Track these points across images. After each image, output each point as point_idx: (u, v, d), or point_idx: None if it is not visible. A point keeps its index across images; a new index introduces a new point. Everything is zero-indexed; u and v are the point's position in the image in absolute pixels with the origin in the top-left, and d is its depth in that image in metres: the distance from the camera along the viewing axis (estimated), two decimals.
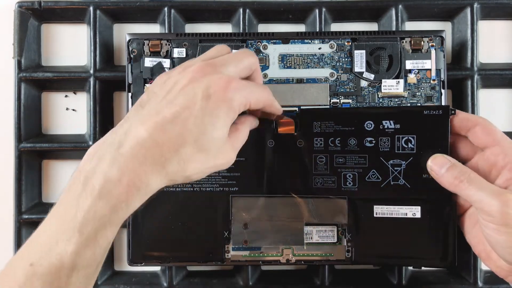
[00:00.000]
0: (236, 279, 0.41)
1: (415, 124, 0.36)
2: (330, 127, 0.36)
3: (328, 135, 0.36)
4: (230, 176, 0.37)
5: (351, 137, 0.36)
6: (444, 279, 0.41)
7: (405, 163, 0.36)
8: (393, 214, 0.36)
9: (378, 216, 0.36)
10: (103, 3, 0.41)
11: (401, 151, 0.36)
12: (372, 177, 0.36)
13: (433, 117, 0.35)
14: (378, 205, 0.36)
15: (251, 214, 0.37)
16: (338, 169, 0.36)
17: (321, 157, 0.36)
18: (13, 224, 0.40)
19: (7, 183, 0.41)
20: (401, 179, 0.36)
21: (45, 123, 0.43)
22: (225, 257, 0.38)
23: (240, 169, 0.37)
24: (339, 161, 0.36)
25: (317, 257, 0.38)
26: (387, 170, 0.36)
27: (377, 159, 0.36)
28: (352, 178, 0.36)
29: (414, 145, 0.36)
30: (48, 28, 0.43)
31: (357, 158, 0.36)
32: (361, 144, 0.36)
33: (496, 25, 0.43)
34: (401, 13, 0.41)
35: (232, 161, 0.30)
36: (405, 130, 0.36)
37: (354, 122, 0.36)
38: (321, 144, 0.36)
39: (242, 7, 0.41)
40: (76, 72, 0.41)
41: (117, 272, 0.42)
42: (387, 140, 0.36)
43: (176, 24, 0.41)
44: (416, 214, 0.36)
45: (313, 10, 0.41)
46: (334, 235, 0.38)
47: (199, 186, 0.37)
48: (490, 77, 0.41)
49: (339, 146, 0.36)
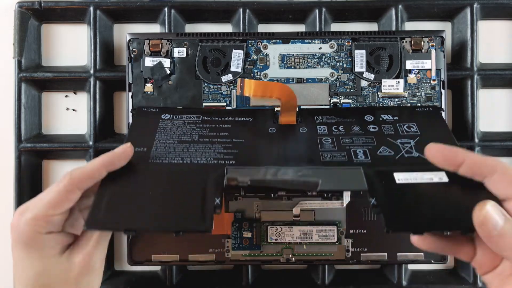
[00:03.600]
0: (236, 279, 0.41)
1: (412, 117, 0.36)
2: (332, 119, 0.37)
3: (331, 124, 0.36)
4: (227, 152, 0.33)
5: (353, 125, 0.36)
6: (444, 279, 0.41)
7: (413, 141, 0.34)
8: (418, 180, 0.30)
9: (401, 182, 0.30)
10: (103, 3, 0.41)
11: (406, 133, 0.35)
12: (383, 152, 0.33)
13: (426, 112, 0.37)
14: (399, 172, 0.31)
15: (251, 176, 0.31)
16: (347, 146, 0.34)
17: (326, 138, 0.35)
18: None
19: (7, 183, 0.41)
20: (414, 151, 0.33)
21: (45, 123, 0.43)
22: (225, 256, 0.38)
23: (238, 147, 0.34)
24: (345, 141, 0.35)
25: (317, 257, 0.38)
26: (397, 146, 0.34)
27: (384, 139, 0.34)
28: (363, 153, 0.33)
29: (416, 130, 0.35)
30: (48, 28, 0.43)
31: (364, 139, 0.35)
32: (365, 129, 0.36)
33: (496, 25, 0.43)
34: (401, 13, 0.41)
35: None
36: (404, 120, 0.36)
37: (355, 116, 0.37)
38: (325, 130, 0.36)
39: (242, 7, 0.41)
40: (76, 72, 0.41)
41: (117, 272, 0.42)
42: (389, 126, 0.36)
43: (176, 24, 0.41)
44: (442, 178, 0.30)
45: (313, 10, 0.41)
46: (334, 235, 0.38)
47: (190, 159, 0.32)
48: (490, 77, 0.41)
49: (343, 131, 0.35)
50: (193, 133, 0.35)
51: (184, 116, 0.37)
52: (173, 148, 0.34)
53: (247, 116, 0.37)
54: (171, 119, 0.37)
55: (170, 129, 0.36)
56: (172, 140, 0.34)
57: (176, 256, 0.38)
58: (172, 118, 0.37)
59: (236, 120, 0.37)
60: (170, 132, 0.35)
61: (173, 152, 0.33)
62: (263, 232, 0.38)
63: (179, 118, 0.37)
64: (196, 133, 0.35)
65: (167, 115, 0.37)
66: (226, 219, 0.38)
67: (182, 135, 0.35)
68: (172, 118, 0.37)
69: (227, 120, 0.37)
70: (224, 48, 0.39)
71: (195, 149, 0.34)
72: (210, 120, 0.37)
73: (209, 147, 0.34)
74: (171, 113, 0.37)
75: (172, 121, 0.36)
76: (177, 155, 0.33)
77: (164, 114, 0.37)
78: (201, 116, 0.37)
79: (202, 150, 0.34)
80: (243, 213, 0.38)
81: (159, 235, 0.38)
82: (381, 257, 0.38)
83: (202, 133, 0.35)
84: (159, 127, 0.36)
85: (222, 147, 0.34)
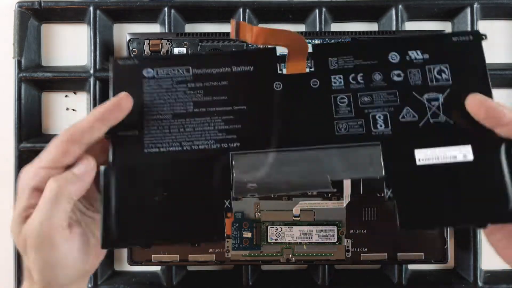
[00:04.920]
0: (236, 279, 0.41)
1: (446, 53, 0.30)
2: (350, 63, 0.31)
3: (348, 72, 0.30)
4: (229, 129, 0.30)
5: (375, 71, 0.30)
6: (444, 279, 0.41)
7: (442, 96, 0.30)
8: (440, 159, 0.28)
9: (422, 163, 0.28)
10: (103, 3, 0.41)
11: (435, 83, 0.30)
12: (407, 116, 0.30)
13: (464, 44, 0.30)
14: (419, 148, 0.29)
15: (259, 173, 0.29)
16: (365, 110, 0.30)
17: (342, 97, 0.30)
18: None
19: (7, 183, 0.41)
20: (441, 114, 0.29)
21: (45, 123, 0.43)
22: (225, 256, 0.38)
23: (241, 120, 0.30)
24: (364, 100, 0.30)
25: (317, 257, 0.38)
26: (423, 106, 0.30)
27: (409, 94, 0.30)
28: (383, 119, 0.29)
29: (448, 75, 0.30)
30: (48, 28, 0.43)
31: (385, 95, 0.30)
32: (388, 78, 0.30)
33: (496, 25, 0.43)
34: (401, 13, 0.41)
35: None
36: (436, 60, 0.30)
37: (377, 55, 0.31)
38: (341, 83, 0.30)
39: (242, 7, 0.41)
40: (76, 72, 0.41)
41: (117, 272, 0.42)
42: (417, 72, 0.30)
43: (176, 24, 0.41)
44: (467, 155, 0.28)
45: (313, 10, 0.41)
46: (334, 235, 0.38)
47: (190, 144, 0.30)
48: (490, 77, 0.41)
49: (362, 83, 0.30)
50: (186, 100, 0.31)
51: (170, 71, 0.31)
52: (168, 128, 0.30)
53: (246, 64, 0.32)
54: (155, 76, 0.31)
55: (158, 94, 0.31)
56: (164, 114, 0.31)
57: (176, 256, 0.38)
58: (157, 75, 0.31)
59: (234, 71, 0.31)
60: (159, 100, 0.31)
61: (168, 134, 0.30)
62: (263, 232, 0.38)
63: (165, 74, 0.31)
64: (189, 99, 0.31)
65: (150, 70, 0.31)
66: (226, 219, 0.38)
67: (174, 104, 0.31)
68: (157, 75, 0.31)
69: (223, 72, 0.31)
70: (224, 48, 0.39)
71: (193, 127, 0.30)
72: (202, 74, 0.31)
73: (207, 123, 0.30)
74: (154, 67, 0.31)
75: (158, 81, 0.31)
76: (174, 139, 0.30)
77: (146, 70, 0.31)
78: (190, 68, 0.31)
79: (201, 128, 0.30)
80: (243, 213, 0.38)
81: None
82: (381, 257, 0.38)
83: (197, 99, 0.31)
84: (144, 93, 0.31)
85: (222, 121, 0.30)
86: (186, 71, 0.32)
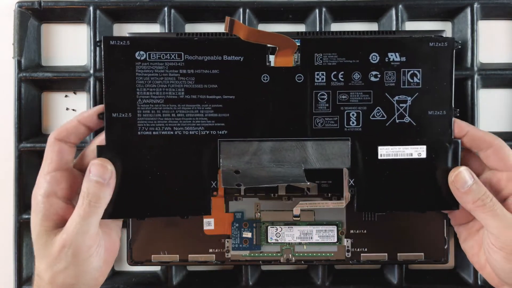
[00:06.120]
0: (236, 279, 0.41)
1: (421, 57, 0.34)
2: (333, 60, 0.34)
3: (331, 69, 0.34)
4: (218, 118, 0.33)
5: (355, 71, 0.34)
6: (444, 279, 0.41)
7: (410, 99, 0.34)
8: (398, 155, 0.34)
9: (383, 158, 0.34)
10: (103, 3, 0.41)
11: (406, 86, 0.34)
12: (377, 115, 0.34)
13: (439, 50, 0.34)
14: (382, 145, 0.34)
15: (243, 160, 0.34)
16: (341, 107, 0.34)
17: (322, 93, 0.34)
18: (13, 225, 0.40)
19: (7, 183, 0.41)
20: (407, 116, 0.34)
21: (45, 123, 0.43)
22: (225, 256, 0.38)
23: (229, 109, 0.33)
24: (342, 97, 0.34)
25: (317, 257, 0.38)
26: (392, 107, 0.34)
27: (382, 95, 0.34)
28: (356, 117, 0.34)
29: (419, 79, 0.34)
30: (48, 28, 0.43)
31: (361, 94, 0.34)
32: (366, 78, 0.34)
33: (496, 25, 0.43)
34: (401, 13, 0.41)
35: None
36: (410, 64, 0.34)
37: (359, 54, 0.34)
38: (323, 79, 0.34)
39: (242, 7, 0.41)
40: (76, 72, 0.41)
41: (117, 272, 0.42)
42: (392, 74, 0.34)
43: (176, 24, 0.41)
44: (421, 154, 0.34)
45: (313, 10, 0.41)
46: (334, 235, 0.38)
47: (181, 129, 0.33)
48: (490, 77, 0.41)
49: (342, 81, 0.34)
50: (178, 86, 0.33)
51: (163, 55, 0.33)
52: (160, 112, 0.33)
53: (237, 53, 0.34)
54: (147, 59, 0.33)
55: (150, 78, 0.33)
56: (156, 98, 0.33)
57: (176, 256, 0.38)
58: (149, 58, 0.33)
59: (225, 60, 0.34)
60: (151, 85, 0.33)
61: (160, 118, 0.33)
62: (263, 232, 0.38)
63: (157, 58, 0.33)
64: (181, 84, 0.33)
65: (143, 53, 0.33)
66: (226, 219, 0.38)
67: (166, 89, 0.33)
68: (149, 58, 0.33)
69: (215, 60, 0.34)
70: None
71: (184, 113, 0.33)
72: (194, 61, 0.33)
73: (198, 110, 0.33)
74: (146, 50, 0.33)
75: (150, 64, 0.33)
76: (166, 123, 0.33)
77: (138, 52, 0.33)
78: (182, 54, 0.33)
79: (191, 114, 0.33)
80: (243, 213, 0.38)
81: (159, 236, 0.38)
82: (381, 257, 0.38)
83: (188, 85, 0.33)
84: (137, 76, 0.33)
85: (212, 109, 0.33)
86: (178, 56, 0.33)
